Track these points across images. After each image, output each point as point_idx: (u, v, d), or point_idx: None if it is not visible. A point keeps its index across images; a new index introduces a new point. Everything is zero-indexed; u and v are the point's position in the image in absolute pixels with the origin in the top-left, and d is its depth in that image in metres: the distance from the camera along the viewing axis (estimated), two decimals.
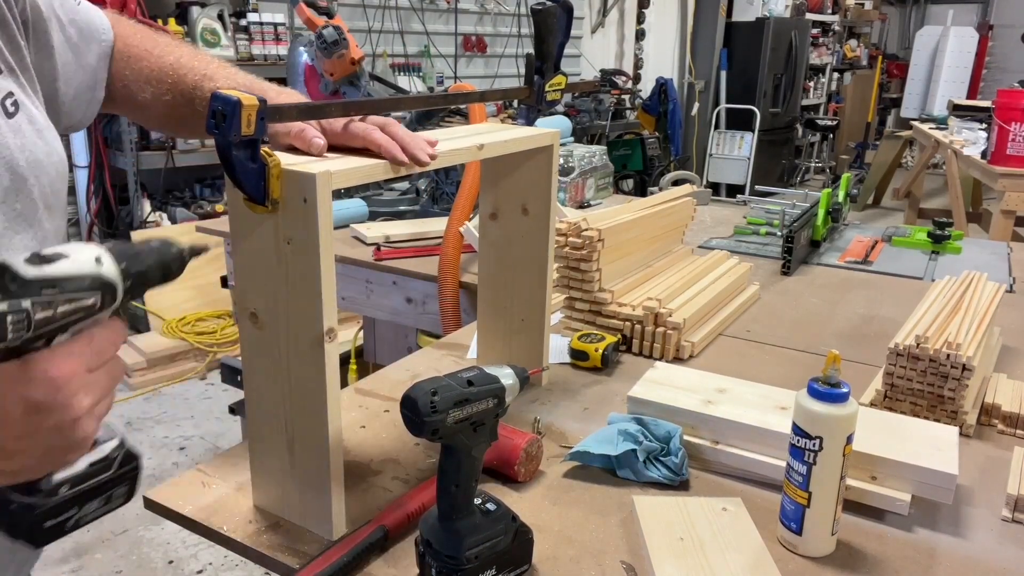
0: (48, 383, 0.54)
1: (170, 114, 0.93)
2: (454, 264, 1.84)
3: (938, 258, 2.13)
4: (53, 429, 0.55)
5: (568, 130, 3.04)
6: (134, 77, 0.90)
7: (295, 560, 0.85)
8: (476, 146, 1.00)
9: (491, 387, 0.79)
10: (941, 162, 5.26)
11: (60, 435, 0.55)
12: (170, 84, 0.90)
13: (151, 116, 0.95)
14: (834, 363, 0.85)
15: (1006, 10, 10.21)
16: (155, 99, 0.91)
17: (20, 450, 0.54)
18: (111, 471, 0.62)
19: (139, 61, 0.90)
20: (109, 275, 0.56)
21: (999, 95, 3.80)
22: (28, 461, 0.55)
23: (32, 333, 0.52)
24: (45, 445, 0.55)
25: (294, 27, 4.21)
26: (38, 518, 0.57)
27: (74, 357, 0.55)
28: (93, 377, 0.57)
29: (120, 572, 2.45)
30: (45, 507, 0.58)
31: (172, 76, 0.90)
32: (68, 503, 0.59)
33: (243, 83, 0.90)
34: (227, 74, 0.92)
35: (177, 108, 0.92)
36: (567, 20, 1.14)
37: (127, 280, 0.58)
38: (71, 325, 0.55)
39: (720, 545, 0.87)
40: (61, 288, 0.53)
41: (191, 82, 0.90)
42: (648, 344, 1.41)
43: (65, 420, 0.55)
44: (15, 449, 0.54)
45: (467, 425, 0.77)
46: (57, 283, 0.53)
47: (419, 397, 0.74)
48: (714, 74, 7.57)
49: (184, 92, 0.90)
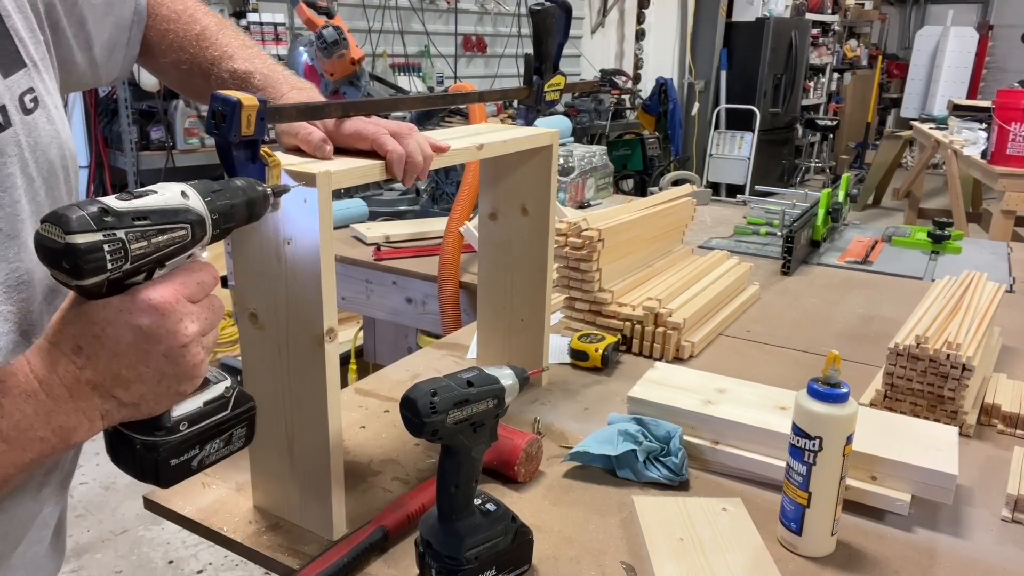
0: (153, 309, 0.56)
1: (186, 82, 0.93)
2: (454, 264, 1.84)
3: (938, 258, 2.13)
4: (164, 355, 0.57)
5: (568, 130, 3.04)
6: (158, 39, 0.89)
7: (295, 560, 0.85)
8: (476, 146, 1.00)
9: (491, 388, 0.79)
10: (941, 162, 5.26)
11: (171, 362, 0.58)
12: (190, 54, 0.90)
13: (168, 78, 0.95)
14: (834, 363, 0.85)
15: (1006, 10, 10.21)
16: (174, 66, 0.91)
17: (136, 378, 0.57)
18: (227, 411, 0.64)
19: (166, 22, 0.90)
20: (196, 207, 0.59)
21: (999, 95, 3.80)
22: (144, 390, 0.58)
23: (130, 264, 0.55)
24: (159, 372, 0.58)
25: (294, 27, 4.21)
26: (163, 455, 0.60)
27: (174, 286, 0.58)
28: (195, 307, 0.59)
29: (120, 572, 2.45)
30: (168, 444, 0.60)
31: (194, 47, 0.90)
32: (190, 441, 0.62)
33: (260, 68, 0.89)
34: (247, 56, 0.90)
35: (193, 78, 0.91)
36: (566, 20, 1.14)
37: (214, 214, 0.60)
38: (166, 259, 0.58)
39: (720, 545, 0.87)
40: (152, 220, 0.56)
41: (210, 57, 0.90)
42: (648, 344, 1.41)
43: (174, 346, 0.57)
44: (131, 377, 0.57)
45: (467, 426, 0.77)
46: (148, 214, 0.56)
47: (419, 398, 0.74)
48: (714, 74, 7.56)
49: (202, 65, 0.90)
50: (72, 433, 0.57)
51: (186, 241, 0.58)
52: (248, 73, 0.88)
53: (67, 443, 0.57)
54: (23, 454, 0.56)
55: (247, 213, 0.65)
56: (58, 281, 0.55)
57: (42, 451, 0.57)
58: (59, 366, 0.56)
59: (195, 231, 0.59)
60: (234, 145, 0.71)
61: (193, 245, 0.59)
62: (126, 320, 0.56)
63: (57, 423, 0.56)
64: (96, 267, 0.53)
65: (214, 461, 0.64)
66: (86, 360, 0.56)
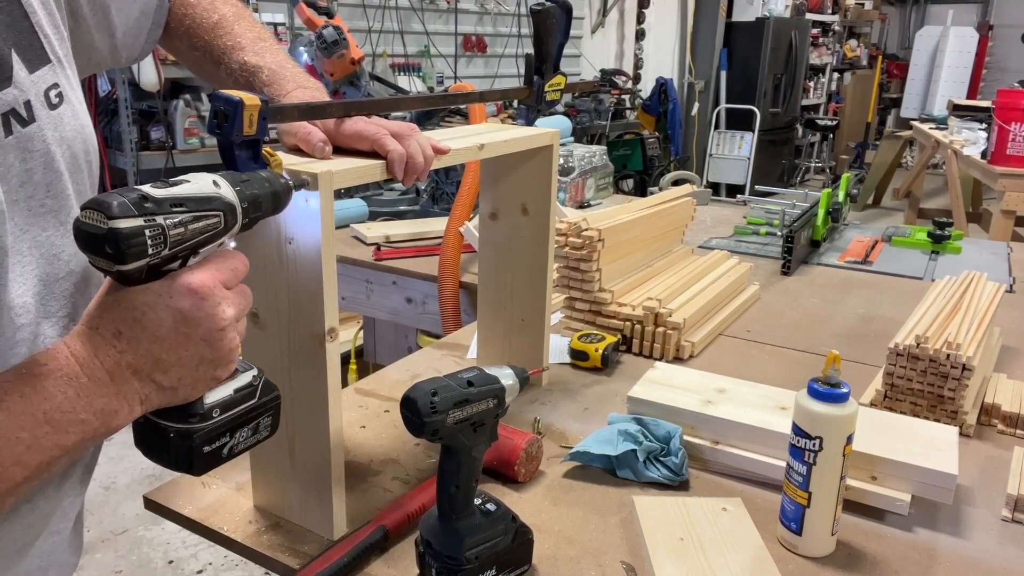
0: (192, 293, 0.58)
1: (198, 67, 0.94)
2: (454, 264, 1.85)
3: (938, 258, 2.13)
4: (203, 339, 0.59)
5: (568, 130, 3.04)
6: (175, 24, 0.91)
7: (295, 560, 0.86)
8: (476, 146, 1.00)
9: (491, 387, 0.79)
10: (941, 162, 5.26)
11: (209, 346, 0.59)
12: (205, 41, 0.91)
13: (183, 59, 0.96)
14: (834, 363, 0.85)
15: (1006, 10, 10.20)
16: (187, 49, 0.92)
17: (176, 362, 0.58)
18: (255, 399, 0.66)
19: (184, 7, 0.91)
20: (228, 196, 0.62)
21: (999, 95, 3.80)
22: (183, 374, 0.59)
23: (168, 250, 0.57)
24: (197, 356, 0.59)
25: (294, 27, 4.21)
26: (197, 442, 0.61)
27: (211, 271, 0.60)
28: (230, 293, 0.61)
29: (120, 572, 2.45)
30: (201, 431, 0.61)
31: (209, 35, 0.91)
32: (221, 429, 0.63)
33: (269, 62, 0.90)
34: (258, 49, 0.91)
35: (205, 65, 0.92)
36: (566, 20, 1.14)
37: (244, 202, 0.63)
38: (200, 246, 0.60)
39: (720, 545, 0.87)
40: (188, 207, 0.58)
41: (223, 46, 0.90)
42: (648, 344, 1.41)
43: (213, 329, 0.59)
44: (171, 361, 0.58)
45: (467, 426, 0.77)
46: (184, 201, 0.58)
47: (419, 398, 0.74)
48: (714, 74, 7.56)
49: (214, 54, 0.91)
50: (113, 417, 0.58)
51: (219, 228, 0.60)
52: (256, 67, 0.89)
53: (108, 427, 0.58)
54: (66, 436, 0.56)
55: (272, 204, 0.67)
56: (97, 268, 0.56)
57: (84, 434, 0.57)
58: (100, 350, 0.57)
59: (227, 219, 0.61)
60: (236, 144, 0.71)
61: (225, 233, 0.61)
62: (166, 304, 0.57)
63: (98, 406, 0.57)
64: (138, 251, 0.55)
65: (242, 450, 0.66)
66: (127, 344, 0.57)
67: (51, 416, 0.55)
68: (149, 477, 2.91)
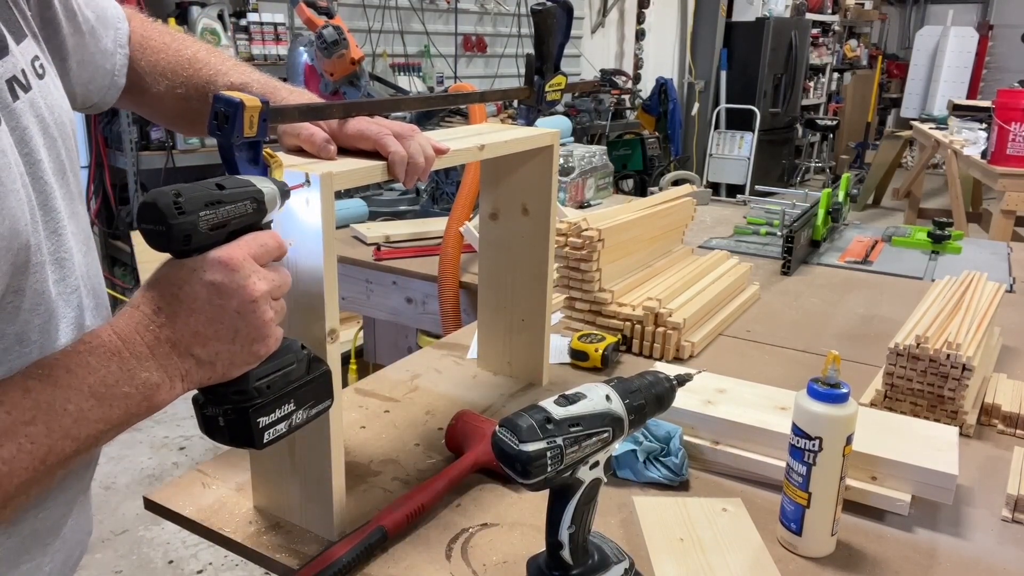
0: (222, 264, 0.61)
1: (183, 109, 0.93)
2: (454, 264, 1.85)
3: (938, 258, 2.13)
4: (236, 311, 0.61)
5: (568, 130, 3.04)
6: (150, 69, 0.91)
7: (295, 560, 0.86)
8: (477, 146, 1.00)
9: (245, 190, 0.66)
10: (941, 162, 5.26)
11: (243, 319, 0.62)
12: (185, 77, 0.91)
13: (163, 110, 0.95)
14: (834, 363, 0.85)
15: (1006, 10, 10.20)
16: (169, 91, 0.92)
17: (212, 335, 0.61)
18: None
19: (156, 53, 0.91)
20: (618, 411, 0.74)
21: (999, 95, 3.80)
22: (220, 347, 0.62)
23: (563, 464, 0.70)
24: (232, 328, 0.62)
25: (294, 27, 4.21)
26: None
27: (240, 246, 0.63)
28: (262, 268, 0.64)
29: (120, 572, 2.45)
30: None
31: (188, 70, 0.91)
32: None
33: (256, 79, 0.91)
34: (242, 71, 0.92)
35: (190, 102, 0.92)
36: (567, 20, 1.14)
37: (631, 415, 0.75)
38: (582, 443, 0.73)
39: (720, 545, 0.87)
40: (583, 425, 0.70)
41: (205, 76, 0.91)
42: (648, 344, 1.41)
43: (245, 300, 0.62)
44: (208, 334, 0.61)
45: (224, 233, 0.64)
46: (580, 420, 0.71)
47: (158, 199, 0.60)
48: (714, 74, 7.56)
49: (198, 86, 0.91)
50: (155, 391, 0.60)
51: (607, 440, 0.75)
52: (245, 84, 0.89)
53: (150, 401, 0.61)
54: (110, 410, 0.59)
55: (656, 407, 0.79)
56: None
57: (127, 408, 0.60)
58: (140, 326, 0.60)
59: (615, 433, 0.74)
60: (236, 146, 0.71)
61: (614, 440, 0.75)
62: (199, 277, 0.60)
63: (140, 380, 0.59)
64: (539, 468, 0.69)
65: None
66: (165, 319, 0.60)
67: (95, 389, 0.58)
68: (149, 477, 2.91)
